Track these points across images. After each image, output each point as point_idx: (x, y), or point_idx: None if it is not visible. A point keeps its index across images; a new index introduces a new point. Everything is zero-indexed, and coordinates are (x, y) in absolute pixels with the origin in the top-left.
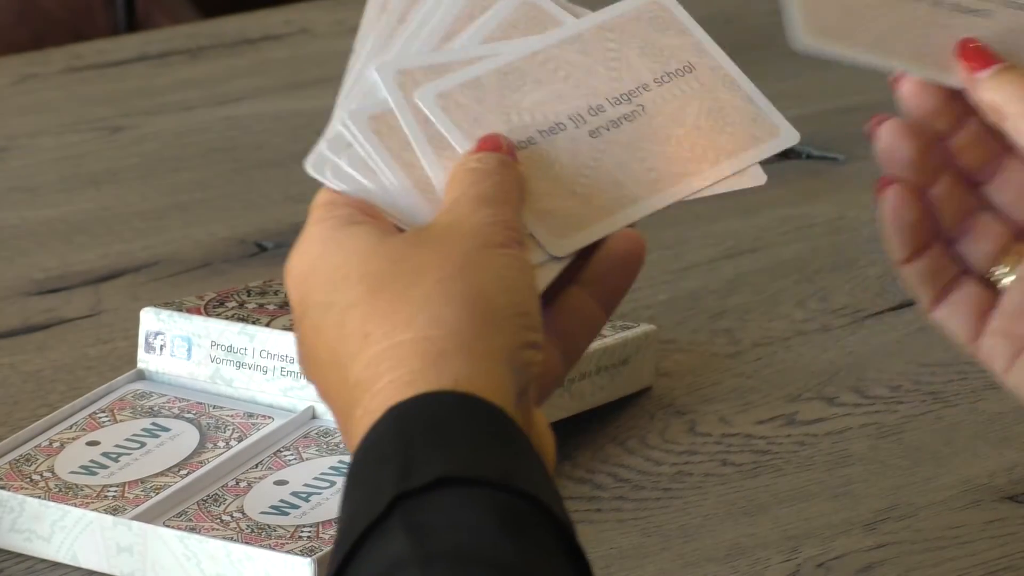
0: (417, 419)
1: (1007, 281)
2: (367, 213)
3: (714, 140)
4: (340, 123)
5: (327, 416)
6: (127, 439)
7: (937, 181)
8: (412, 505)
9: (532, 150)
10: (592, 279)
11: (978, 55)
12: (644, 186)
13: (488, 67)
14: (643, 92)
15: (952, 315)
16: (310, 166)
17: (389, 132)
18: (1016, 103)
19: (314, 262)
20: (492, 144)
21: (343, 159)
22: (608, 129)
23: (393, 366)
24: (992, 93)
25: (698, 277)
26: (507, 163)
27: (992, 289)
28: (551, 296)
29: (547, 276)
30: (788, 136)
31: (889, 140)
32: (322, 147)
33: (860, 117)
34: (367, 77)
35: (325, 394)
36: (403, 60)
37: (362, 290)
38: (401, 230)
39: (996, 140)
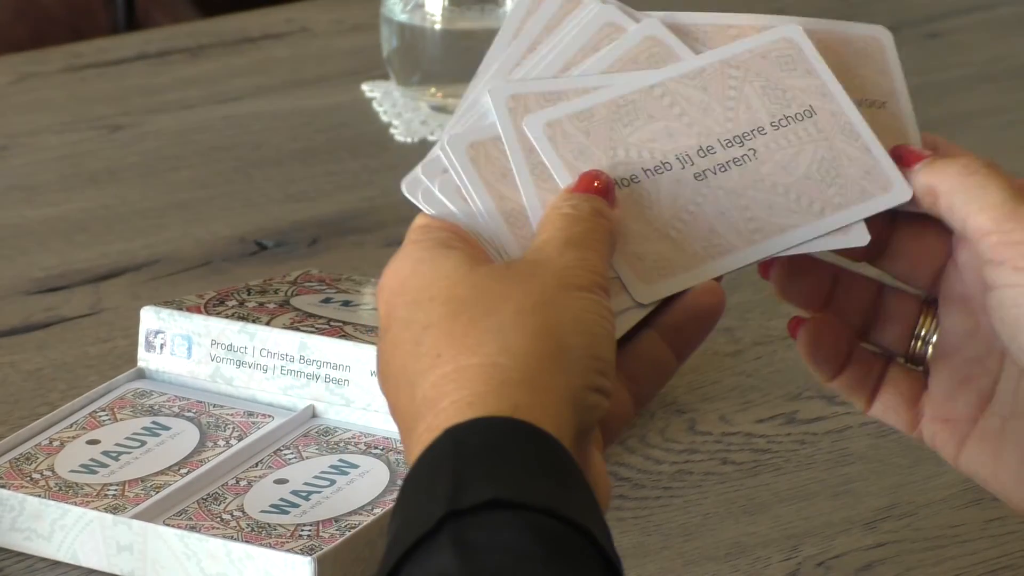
0: (473, 440)
1: (930, 352)
2: (462, 239)
3: (823, 192)
4: (439, 147)
5: (327, 415)
6: (127, 438)
7: (836, 288)
8: (462, 523)
9: (633, 188)
10: (670, 326)
11: (911, 153)
12: (741, 236)
13: (602, 98)
14: (757, 136)
15: (887, 410)
16: (405, 187)
17: (486, 161)
18: (946, 180)
19: (404, 280)
20: (589, 184)
21: (436, 184)
22: (715, 172)
23: (458, 387)
24: (926, 177)
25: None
26: (601, 211)
27: (918, 368)
28: (627, 339)
29: (628, 322)
30: (900, 192)
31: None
32: (418, 170)
33: None
34: (481, 102)
35: (394, 408)
36: (517, 85)
37: (442, 312)
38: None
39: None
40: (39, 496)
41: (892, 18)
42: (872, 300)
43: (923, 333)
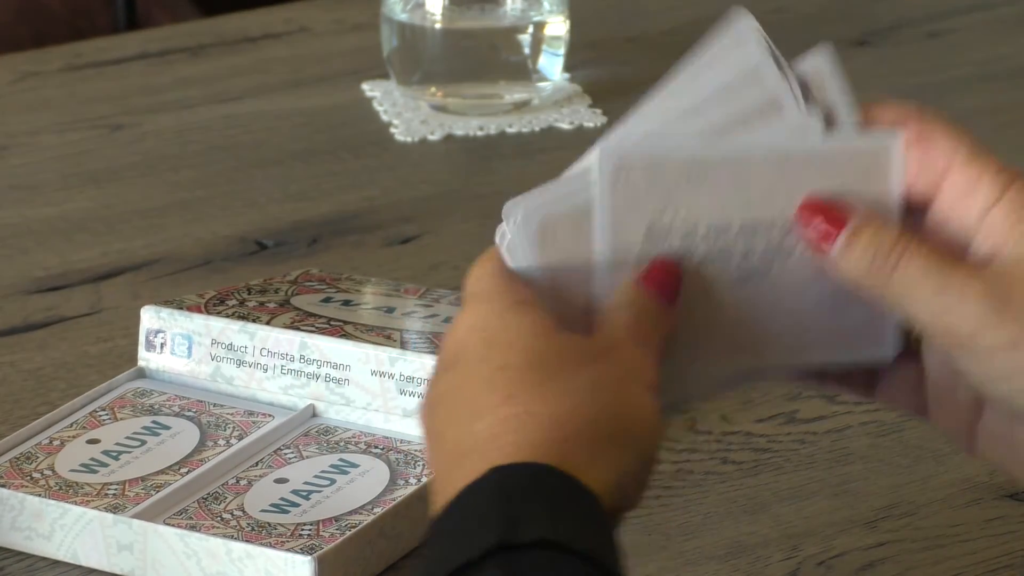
0: (522, 481)
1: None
2: (541, 300)
3: (863, 306)
4: (512, 214)
5: (327, 414)
6: (127, 437)
7: None
8: (511, 556)
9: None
10: None
11: (822, 216)
12: (768, 349)
13: (683, 155)
14: (796, 240)
15: (892, 398)
16: (508, 211)
17: (553, 245)
18: (874, 277)
19: (486, 322)
20: (659, 280)
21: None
22: (734, 269)
23: (518, 428)
24: (849, 265)
25: None
26: (666, 311)
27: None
28: None
29: None
30: (883, 350)
31: None
32: (539, 205)
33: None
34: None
35: (440, 434)
36: (630, 148)
37: (520, 360)
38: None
39: None
40: (39, 495)
41: (892, 18)
42: None
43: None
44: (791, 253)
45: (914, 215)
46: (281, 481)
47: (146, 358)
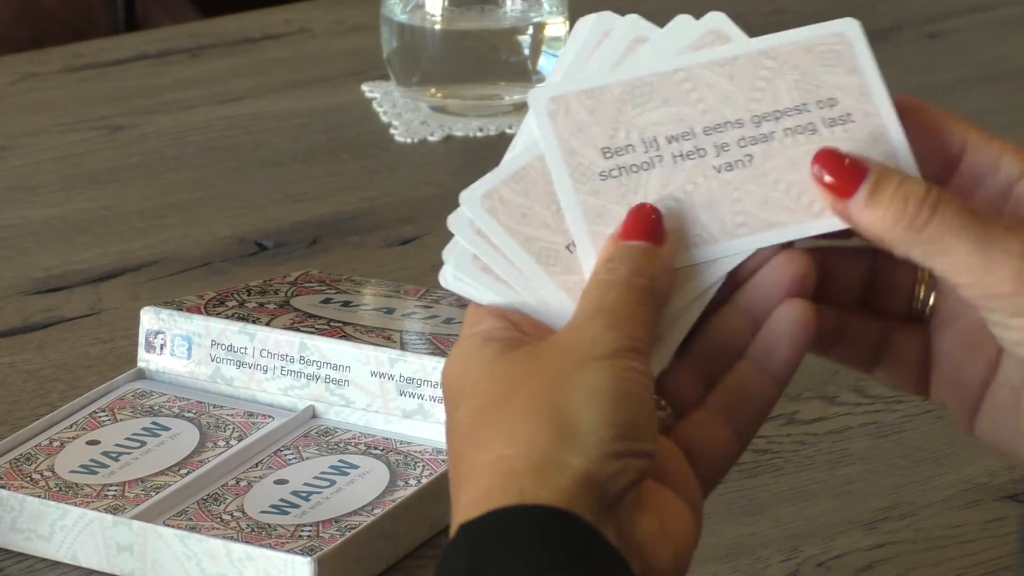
0: (482, 533)
1: (928, 309)
2: (510, 324)
3: None
4: (455, 226)
5: (327, 415)
6: (127, 438)
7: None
8: None
9: (625, 172)
10: (759, 353)
11: (839, 170)
12: (724, 229)
13: (618, 78)
14: (774, 128)
15: (894, 375)
16: (448, 283)
17: (502, 207)
18: (899, 229)
19: (445, 382)
20: (633, 226)
21: (467, 272)
22: (715, 160)
23: (470, 488)
24: (873, 219)
25: None
26: (639, 270)
27: (919, 325)
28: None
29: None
30: None
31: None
32: (449, 262)
33: None
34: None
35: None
36: (557, 87)
37: (467, 412)
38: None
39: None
40: (39, 496)
41: (892, 18)
42: (864, 273)
43: (921, 296)
44: (770, 138)
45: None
46: (281, 482)
47: (146, 359)
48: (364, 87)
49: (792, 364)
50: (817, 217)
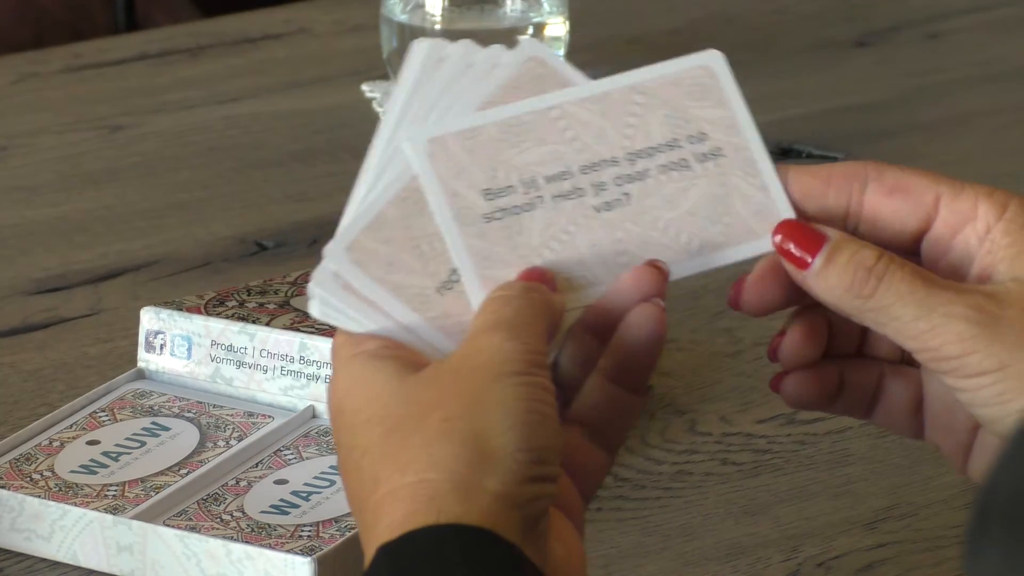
0: (403, 553)
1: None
2: (394, 345)
3: (704, 229)
4: (327, 257)
5: (327, 415)
6: (127, 438)
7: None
8: None
9: (508, 215)
10: (614, 367)
11: (799, 240)
12: (608, 270)
13: (494, 118)
14: (648, 166)
15: (889, 421)
16: (316, 313)
17: (369, 257)
18: (849, 297)
19: (340, 404)
20: (527, 276)
21: (339, 299)
22: (593, 201)
23: (390, 511)
24: (828, 286)
25: (698, 276)
26: (534, 288)
27: (913, 369)
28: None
29: None
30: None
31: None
32: (315, 290)
33: (860, 116)
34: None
35: (359, 535)
36: (433, 128)
37: (377, 434)
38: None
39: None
40: (39, 497)
41: (892, 18)
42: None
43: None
44: (645, 176)
45: (906, 254)
46: (281, 482)
47: (146, 359)
48: (364, 87)
49: (648, 366)
50: (696, 255)
